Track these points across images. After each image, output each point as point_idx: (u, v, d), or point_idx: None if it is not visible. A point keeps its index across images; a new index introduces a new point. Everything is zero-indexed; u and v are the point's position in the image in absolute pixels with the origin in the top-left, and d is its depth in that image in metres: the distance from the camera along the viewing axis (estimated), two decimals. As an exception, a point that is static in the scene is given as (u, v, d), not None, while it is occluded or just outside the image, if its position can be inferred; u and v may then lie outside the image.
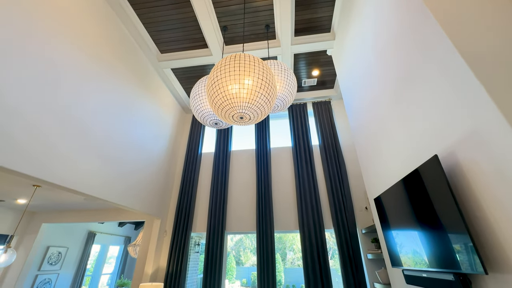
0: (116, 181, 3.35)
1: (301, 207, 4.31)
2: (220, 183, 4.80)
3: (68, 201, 4.57)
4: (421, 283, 1.80)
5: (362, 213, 4.26)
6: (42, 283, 5.45)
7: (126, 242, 8.25)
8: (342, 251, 3.87)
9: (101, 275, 7.36)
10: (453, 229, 1.41)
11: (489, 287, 1.29)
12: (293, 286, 14.22)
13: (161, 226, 4.49)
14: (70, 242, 6.22)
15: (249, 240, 19.73)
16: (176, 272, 4.10)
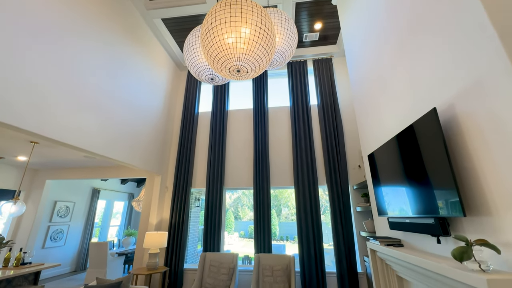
0: (113, 137, 3.36)
1: (297, 165, 4.46)
2: (217, 141, 4.85)
3: (69, 159, 4.65)
4: (404, 227, 1.97)
5: (355, 171, 4.44)
6: (55, 233, 5.89)
7: (129, 198, 8.70)
8: (334, 205, 4.14)
9: (109, 227, 7.94)
10: (439, 179, 1.48)
11: (464, 227, 1.42)
12: (286, 237, 15.65)
13: (162, 182, 4.68)
14: (76, 198, 6.53)
15: (246, 197, 20.90)
16: (179, 223, 4.42)
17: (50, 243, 5.73)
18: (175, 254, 4.22)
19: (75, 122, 2.74)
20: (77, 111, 2.77)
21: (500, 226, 1.21)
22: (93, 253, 4.94)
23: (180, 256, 4.20)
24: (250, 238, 15.86)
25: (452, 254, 1.22)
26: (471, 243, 1.19)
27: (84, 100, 2.88)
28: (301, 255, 3.96)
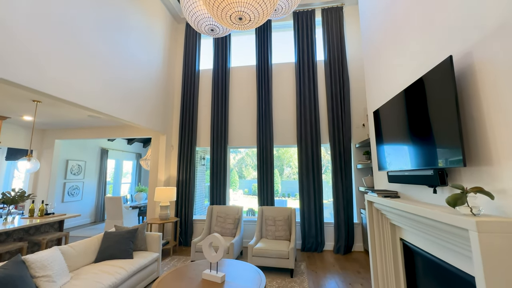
0: (114, 95, 3.31)
1: (300, 123, 4.44)
2: (220, 100, 4.77)
3: (74, 118, 4.69)
4: (402, 180, 2.04)
5: (358, 129, 4.43)
6: (72, 188, 6.30)
7: (137, 157, 9.02)
8: (335, 162, 4.25)
9: (121, 184, 8.44)
10: (444, 131, 1.47)
11: (462, 177, 1.47)
12: (288, 194, 16.54)
13: (167, 141, 4.77)
14: (86, 157, 6.79)
15: (250, 158, 21.47)
16: (186, 180, 4.65)
17: (68, 198, 6.18)
18: (185, 207, 4.55)
19: (74, 79, 2.67)
20: (76, 68, 2.69)
21: (499, 174, 1.24)
22: (109, 206, 5.34)
23: (189, 209, 4.53)
24: (254, 195, 16.81)
25: (447, 201, 1.28)
26: (466, 190, 1.24)
27: (82, 57, 2.77)
28: (302, 208, 4.23)
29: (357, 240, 4.12)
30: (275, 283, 2.85)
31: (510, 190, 1.18)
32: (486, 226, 1.11)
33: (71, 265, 2.37)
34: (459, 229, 1.27)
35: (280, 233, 3.56)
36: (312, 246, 4.07)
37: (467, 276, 1.42)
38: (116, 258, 2.63)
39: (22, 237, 3.26)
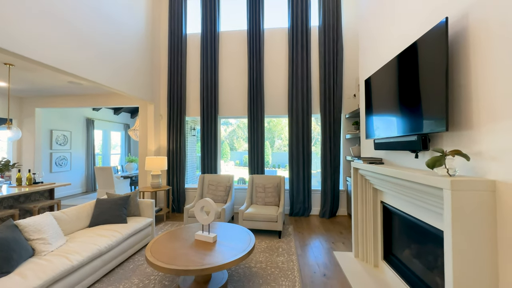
0: (95, 59, 3.10)
1: (292, 93, 4.38)
2: (210, 67, 4.57)
3: (54, 85, 4.41)
4: (387, 147, 2.12)
5: (349, 100, 4.43)
6: (59, 159, 6.18)
7: (125, 128, 8.80)
8: (325, 133, 4.31)
9: (111, 155, 8.34)
10: (431, 97, 1.49)
11: (443, 142, 1.54)
12: (278, 165, 17.00)
13: (155, 110, 4.63)
14: (71, 127, 6.56)
15: (241, 130, 21.45)
16: (176, 149, 4.63)
17: (56, 168, 6.10)
18: (176, 176, 4.61)
19: (49, 40, 2.45)
20: (51, 28, 2.44)
21: (477, 138, 1.30)
22: (100, 176, 5.34)
23: (181, 177, 4.60)
24: (245, 166, 17.16)
25: (426, 163, 1.36)
26: (445, 153, 1.31)
27: (57, 15, 2.49)
28: (291, 177, 4.38)
29: (341, 205, 4.39)
30: (264, 243, 3.06)
31: (485, 152, 1.25)
32: (458, 184, 1.20)
33: (66, 230, 2.43)
34: (435, 188, 1.36)
35: (270, 199, 3.73)
36: (299, 211, 4.31)
37: (437, 231, 1.57)
38: (110, 223, 2.71)
39: (13, 205, 3.26)
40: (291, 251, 2.85)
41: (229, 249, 2.03)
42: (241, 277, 2.26)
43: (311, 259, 2.66)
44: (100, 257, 2.20)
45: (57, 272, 1.76)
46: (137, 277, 2.29)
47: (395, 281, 2.07)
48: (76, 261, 1.92)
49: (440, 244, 1.57)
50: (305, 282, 2.22)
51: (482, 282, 1.19)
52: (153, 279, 2.25)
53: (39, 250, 1.95)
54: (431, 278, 1.73)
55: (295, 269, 2.42)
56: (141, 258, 2.67)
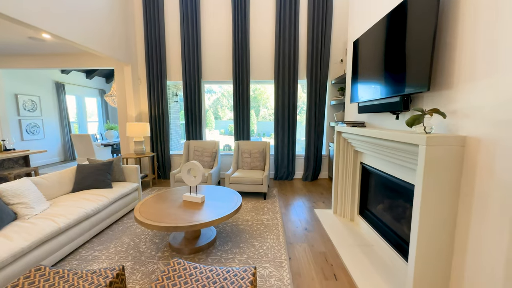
0: (56, 8, 2.71)
1: (279, 56, 4.22)
2: (191, 28, 4.21)
3: (12, 41, 3.89)
4: (370, 109, 2.18)
5: (336, 65, 4.37)
6: (30, 126, 5.76)
7: (101, 94, 8.22)
8: (310, 99, 4.31)
9: (88, 123, 7.89)
10: (416, 57, 1.50)
11: (424, 102, 1.60)
12: (263, 134, 17.17)
13: (133, 73, 4.31)
14: (39, 92, 6.01)
15: (225, 98, 20.90)
16: (159, 115, 4.46)
17: (28, 136, 5.72)
18: (160, 142, 4.52)
19: (-5, -21, 2.07)
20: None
21: (454, 96, 1.36)
22: (78, 144, 5.11)
23: (165, 144, 4.52)
24: (230, 135, 17.13)
25: (406, 122, 1.42)
26: (424, 112, 1.37)
27: None
28: (276, 143, 4.46)
29: (323, 169, 4.62)
30: (250, 204, 3.22)
31: (459, 110, 1.32)
32: (433, 140, 1.28)
33: (48, 195, 2.38)
34: (412, 145, 1.45)
35: (255, 164, 3.82)
36: (283, 175, 4.50)
37: (409, 185, 1.72)
38: (95, 188, 2.67)
39: (-16, 173, 3.09)
40: (275, 210, 3.03)
41: (217, 208, 2.11)
42: (229, 234, 2.41)
43: (294, 217, 2.87)
44: (88, 219, 2.21)
45: (43, 234, 1.76)
46: (127, 237, 2.36)
47: (368, 231, 2.31)
48: (63, 223, 1.92)
49: (410, 197, 1.74)
50: (288, 235, 2.41)
51: (444, 227, 1.36)
52: (143, 238, 2.33)
53: (21, 214, 1.91)
54: (399, 227, 1.94)
55: (279, 225, 2.60)
56: (130, 221, 2.72)
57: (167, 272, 1.27)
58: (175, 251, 2.08)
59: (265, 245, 2.19)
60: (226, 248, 2.14)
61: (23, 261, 1.61)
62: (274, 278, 1.75)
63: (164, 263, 1.93)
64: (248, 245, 2.20)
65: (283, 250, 2.12)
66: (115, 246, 2.19)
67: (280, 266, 1.89)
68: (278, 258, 1.99)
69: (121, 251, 2.11)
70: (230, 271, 1.29)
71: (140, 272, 1.82)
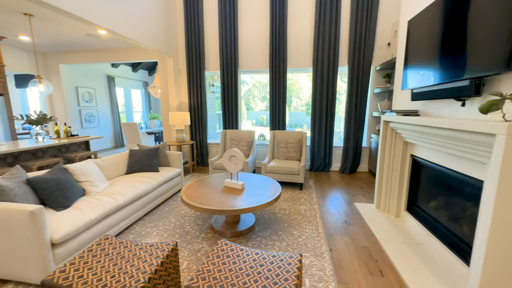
0: (112, 6, 2.94)
1: (318, 43, 4.02)
2: (228, 17, 4.22)
3: (72, 39, 4.36)
4: (428, 96, 1.96)
5: (381, 50, 4.01)
6: (88, 115, 6.50)
7: (144, 86, 8.86)
8: (351, 87, 4.06)
9: (133, 113, 8.61)
10: (489, 32, 1.28)
11: (502, 83, 1.37)
12: (295, 125, 16.87)
13: (174, 65, 4.52)
14: (94, 84, 6.70)
15: (257, 89, 20.93)
16: (197, 105, 4.64)
17: (86, 124, 6.46)
18: (199, 131, 4.72)
19: (63, -19, 2.31)
20: (60, -35, 2.27)
21: (548, 78, 1.14)
22: (127, 132, 5.61)
23: (203, 132, 4.72)
24: (261, 126, 17.21)
25: (480, 108, 1.24)
26: (505, 96, 1.18)
27: None
28: (313, 133, 4.33)
29: (362, 162, 4.37)
30: (286, 194, 3.21)
31: (555, 93, 1.10)
32: (516, 130, 1.10)
33: (107, 175, 2.67)
34: (484, 135, 1.27)
35: (291, 154, 3.78)
36: (319, 167, 4.38)
37: (474, 180, 1.52)
38: (144, 171, 2.92)
39: (56, 155, 3.59)
40: (312, 201, 2.98)
41: (256, 195, 2.15)
42: (267, 221, 2.44)
43: (332, 208, 2.79)
44: (140, 198, 2.44)
45: (106, 209, 1.99)
46: (173, 217, 2.55)
47: (417, 229, 2.13)
48: (121, 201, 2.15)
49: (473, 194, 1.55)
50: (328, 226, 2.36)
51: (521, 227, 1.18)
52: (187, 219, 2.50)
53: (88, 190, 2.19)
54: (457, 227, 1.75)
55: (317, 216, 2.56)
56: (174, 203, 2.93)
57: (216, 251, 1.34)
58: (217, 233, 2.19)
59: (304, 235, 2.18)
60: (265, 235, 2.18)
61: (91, 230, 1.85)
62: (315, 267, 1.73)
63: (207, 243, 2.04)
64: (287, 233, 2.21)
65: (323, 241, 2.08)
66: (163, 224, 2.39)
67: (320, 256, 1.86)
68: (318, 249, 1.96)
69: (169, 229, 2.29)
70: (276, 256, 1.31)
71: (187, 250, 1.96)
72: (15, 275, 1.56)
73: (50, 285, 1.13)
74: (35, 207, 1.47)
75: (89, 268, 1.21)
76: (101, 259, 1.29)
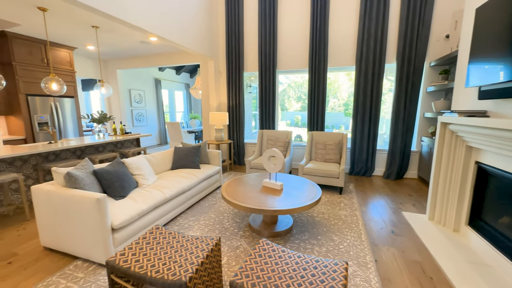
0: (164, 16, 3.19)
1: (362, 39, 3.78)
2: (268, 18, 4.24)
3: (127, 46, 4.86)
4: (501, 94, 1.68)
5: (438, 43, 3.60)
6: (138, 115, 7.19)
7: (186, 88, 9.45)
8: (400, 85, 3.72)
9: (176, 112, 9.25)
10: None
11: None
12: (332, 126, 16.19)
13: (215, 66, 4.72)
14: (144, 86, 7.38)
15: (292, 89, 20.67)
16: (236, 105, 4.77)
17: (137, 123, 7.16)
18: (236, 131, 4.85)
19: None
20: (122, -19, 2.55)
21: None
22: (171, 130, 6.05)
23: (240, 132, 4.82)
24: (295, 126, 16.93)
25: None
26: None
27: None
28: (354, 135, 4.09)
29: (411, 168, 3.97)
30: (325, 197, 3.10)
31: None
32: None
33: (155, 170, 2.91)
34: None
35: (330, 156, 3.62)
36: (360, 171, 4.11)
37: None
38: (187, 168, 3.11)
39: (113, 150, 4.04)
40: (353, 206, 2.81)
41: (296, 197, 2.11)
42: (305, 224, 2.38)
43: (376, 216, 2.59)
44: (184, 193, 2.60)
45: (156, 200, 2.16)
46: (213, 213, 2.65)
47: (483, 247, 1.85)
48: (168, 194, 2.31)
49: None
50: (372, 235, 2.20)
51: None
52: (226, 215, 2.58)
53: (140, 183, 2.41)
54: (540, 249, 1.47)
55: (359, 223, 2.40)
56: (213, 199, 3.05)
57: (258, 250, 1.35)
58: (255, 232, 2.21)
59: (345, 242, 2.07)
60: (303, 238, 2.13)
61: (142, 220, 2.03)
62: (359, 278, 1.63)
63: (246, 241, 2.08)
64: (327, 238, 2.12)
65: (366, 250, 1.95)
66: (204, 219, 2.50)
67: (365, 266, 1.74)
68: (361, 258, 1.84)
69: (209, 224, 2.39)
70: (319, 261, 1.26)
71: (226, 246, 2.02)
72: (83, 253, 1.79)
73: (112, 265, 1.26)
74: (100, 195, 1.67)
75: (143, 254, 1.33)
76: (154, 246, 1.40)
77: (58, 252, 1.94)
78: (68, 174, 1.83)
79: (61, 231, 1.83)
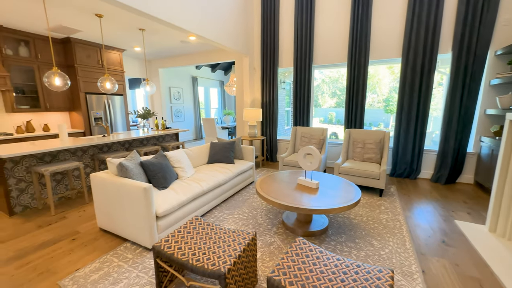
0: (205, 17, 3.30)
1: (411, 27, 3.43)
2: (305, 12, 4.10)
3: (168, 46, 5.16)
4: None
5: (506, 28, 3.09)
6: (176, 111, 7.63)
7: (220, 85, 9.72)
8: (456, 78, 3.30)
9: (211, 109, 9.60)
10: None
11: None
12: (370, 123, 15.15)
13: (250, 63, 4.75)
14: (182, 84, 7.79)
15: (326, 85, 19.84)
16: (269, 101, 4.75)
17: (175, 119, 7.61)
18: (269, 127, 4.84)
19: (173, 3, 2.73)
20: (166, -16, 2.70)
21: None
22: (206, 126, 6.30)
23: (273, 129, 4.80)
24: (329, 123, 16.26)
25: None
26: None
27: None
28: (397, 133, 3.77)
29: (466, 171, 3.52)
30: (363, 199, 2.92)
31: None
32: None
33: (193, 164, 3.06)
34: None
35: (370, 155, 3.40)
36: (403, 172, 3.78)
37: None
38: (222, 162, 3.20)
39: (155, 143, 4.37)
40: (396, 211, 2.60)
41: (332, 197, 2.03)
42: (341, 225, 2.28)
43: (423, 223, 2.36)
44: (219, 187, 2.69)
45: (194, 192, 2.27)
46: (246, 208, 2.70)
47: None
48: (205, 187, 2.42)
49: None
50: (418, 243, 2.01)
51: None
52: (259, 211, 2.60)
53: (180, 175, 2.56)
54: None
55: (403, 229, 2.21)
56: (246, 194, 3.10)
57: (295, 249, 1.33)
58: (289, 229, 2.19)
59: (387, 248, 1.92)
60: (340, 240, 2.04)
61: (182, 210, 2.15)
62: (404, 288, 1.50)
63: (279, 238, 2.07)
64: (366, 242, 2.00)
65: (412, 259, 1.79)
66: (238, 213, 2.56)
67: (410, 277, 1.60)
68: (406, 267, 1.70)
69: (243, 218, 2.44)
70: (361, 267, 1.19)
71: (260, 241, 2.04)
72: (131, 236, 1.98)
73: (158, 250, 1.36)
74: (147, 185, 1.81)
75: (185, 242, 1.41)
76: (194, 236, 1.47)
77: (111, 234, 2.18)
78: (120, 165, 2.02)
79: (114, 215, 2.04)
